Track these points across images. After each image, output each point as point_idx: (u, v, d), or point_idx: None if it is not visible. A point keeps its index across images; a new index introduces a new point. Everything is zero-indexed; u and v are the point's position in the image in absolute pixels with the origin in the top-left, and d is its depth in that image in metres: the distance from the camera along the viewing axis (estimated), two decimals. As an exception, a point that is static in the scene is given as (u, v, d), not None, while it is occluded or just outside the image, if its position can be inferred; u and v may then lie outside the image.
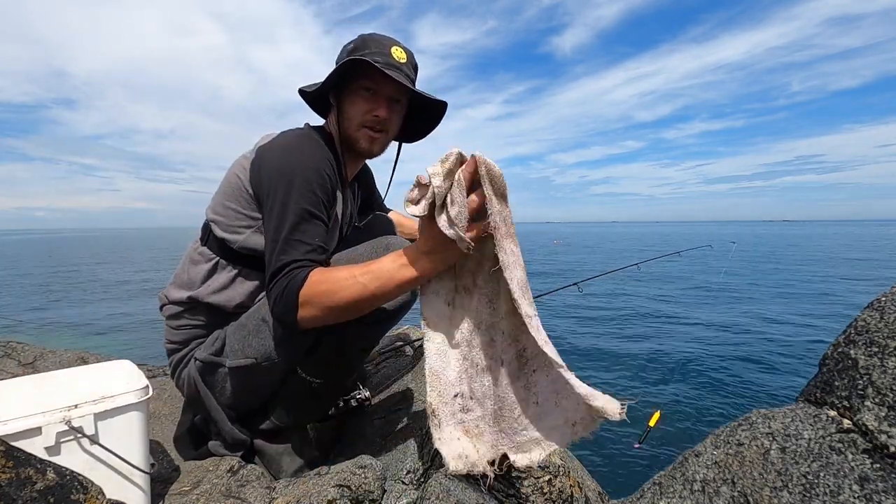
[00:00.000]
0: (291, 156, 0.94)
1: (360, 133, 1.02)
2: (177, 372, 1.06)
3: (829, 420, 0.67)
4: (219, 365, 0.99)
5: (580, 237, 56.77)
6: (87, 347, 4.35)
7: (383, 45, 0.99)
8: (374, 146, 1.05)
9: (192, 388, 1.03)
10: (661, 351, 5.98)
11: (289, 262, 0.84)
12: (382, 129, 1.03)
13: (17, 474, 0.54)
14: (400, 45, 1.01)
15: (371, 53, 0.97)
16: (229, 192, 1.00)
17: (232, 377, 0.98)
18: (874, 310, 0.72)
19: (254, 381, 0.99)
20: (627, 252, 27.59)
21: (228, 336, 0.99)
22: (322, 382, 1.00)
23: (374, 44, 0.99)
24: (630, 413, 0.74)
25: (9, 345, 1.77)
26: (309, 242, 0.87)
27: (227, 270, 1.02)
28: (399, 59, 0.99)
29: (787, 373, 5.11)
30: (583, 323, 7.78)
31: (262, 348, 0.96)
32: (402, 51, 1.01)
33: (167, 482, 0.92)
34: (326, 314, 0.81)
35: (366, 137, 1.02)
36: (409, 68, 1.01)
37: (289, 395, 1.02)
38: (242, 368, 0.97)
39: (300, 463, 1.04)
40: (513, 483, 0.97)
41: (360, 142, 1.03)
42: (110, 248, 37.99)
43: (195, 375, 1.01)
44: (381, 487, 0.85)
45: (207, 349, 1.01)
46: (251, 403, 1.04)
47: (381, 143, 1.05)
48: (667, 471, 0.77)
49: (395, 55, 0.99)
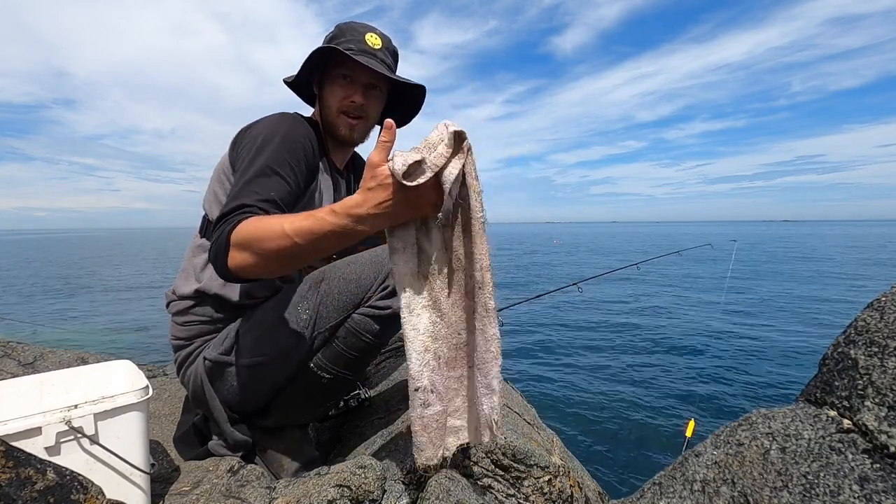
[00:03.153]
0: (268, 126, 0.98)
1: (339, 119, 1.06)
2: (182, 369, 1.06)
3: (829, 420, 0.67)
4: (228, 364, 0.99)
5: (580, 237, 56.79)
6: (87, 347, 4.36)
7: (358, 33, 1.03)
8: (354, 133, 1.08)
9: (198, 387, 1.02)
10: (659, 350, 5.98)
11: (237, 207, 0.81)
12: (360, 116, 1.06)
13: (17, 474, 0.54)
14: (375, 32, 1.04)
15: (346, 41, 1.02)
16: (216, 177, 1.04)
17: (242, 375, 0.99)
18: (874, 310, 0.72)
19: (264, 379, 0.99)
20: (627, 252, 27.60)
21: (241, 334, 0.99)
22: (332, 377, 1.00)
23: (350, 31, 1.03)
24: (630, 415, 0.74)
25: (9, 345, 1.77)
26: (262, 192, 0.85)
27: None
28: (373, 46, 1.02)
29: (787, 373, 5.11)
30: (582, 323, 7.78)
31: (277, 347, 0.96)
32: (378, 37, 1.04)
33: (167, 482, 0.92)
34: (256, 261, 0.75)
35: (345, 124, 1.06)
36: (384, 54, 1.04)
37: (296, 391, 1.02)
38: (255, 366, 0.97)
39: (301, 462, 1.04)
40: (513, 483, 0.98)
41: (340, 128, 1.07)
42: (110, 249, 37.99)
43: (202, 374, 1.01)
44: (381, 487, 0.85)
45: (217, 348, 1.00)
46: (258, 402, 1.04)
47: (361, 129, 1.09)
48: (667, 471, 0.77)
49: (369, 41, 1.02)
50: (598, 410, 4.01)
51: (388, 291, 0.96)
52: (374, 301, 0.96)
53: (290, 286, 1.04)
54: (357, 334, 0.96)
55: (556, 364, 5.44)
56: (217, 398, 1.01)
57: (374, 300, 0.96)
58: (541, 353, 5.91)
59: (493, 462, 0.97)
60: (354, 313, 0.97)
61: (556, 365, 5.40)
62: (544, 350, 6.08)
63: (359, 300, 0.96)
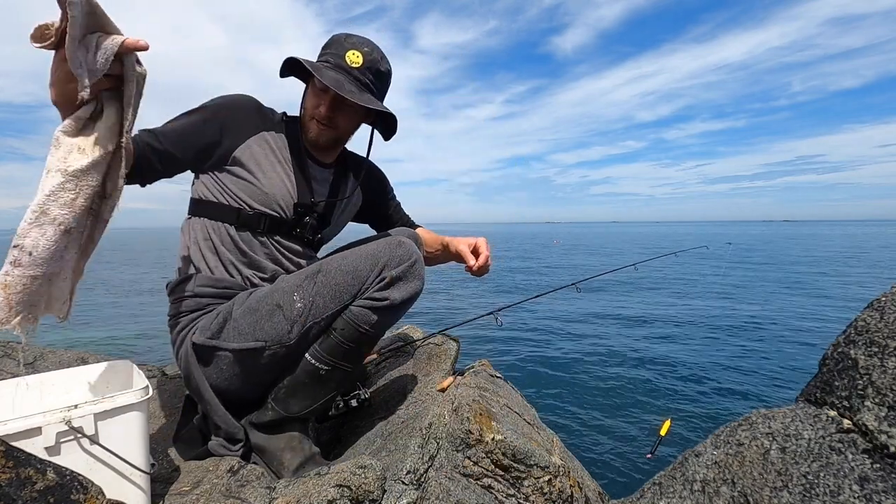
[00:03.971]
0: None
1: (310, 123, 1.12)
2: (175, 346, 1.08)
3: (829, 420, 0.67)
4: (218, 348, 1.00)
5: (580, 237, 56.83)
6: (87, 347, 4.35)
7: (342, 47, 1.06)
8: (320, 138, 1.13)
9: (188, 370, 1.03)
10: (659, 351, 5.98)
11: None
12: (329, 125, 1.11)
13: (17, 474, 0.54)
14: (362, 49, 1.07)
15: (327, 54, 1.07)
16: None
17: (236, 360, 0.99)
18: (874, 310, 0.72)
19: (258, 365, 1.00)
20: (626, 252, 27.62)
21: (234, 319, 1.00)
22: (330, 369, 1.01)
23: (336, 44, 1.07)
24: (629, 415, 0.74)
25: (9, 345, 1.77)
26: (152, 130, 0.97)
27: (196, 222, 1.11)
28: (351, 63, 1.05)
29: (787, 373, 5.11)
30: (581, 323, 7.78)
31: (273, 332, 0.98)
32: (361, 55, 1.06)
33: (167, 482, 0.92)
34: None
35: (314, 128, 1.12)
36: (362, 72, 1.07)
37: (294, 384, 1.02)
38: (248, 351, 0.98)
39: (302, 458, 1.03)
40: (513, 483, 0.98)
41: (310, 131, 1.13)
42: (110, 248, 38.00)
43: (191, 359, 1.02)
44: (381, 487, 0.85)
45: (203, 332, 1.01)
46: (251, 391, 1.04)
47: (327, 136, 1.13)
48: (667, 471, 0.77)
49: (348, 59, 1.05)
50: (599, 410, 4.02)
51: (385, 283, 0.98)
52: (372, 293, 0.98)
53: (283, 275, 1.08)
54: (355, 325, 0.98)
55: (555, 364, 5.44)
56: (206, 382, 1.02)
57: (372, 291, 0.98)
58: (540, 353, 5.91)
59: (493, 462, 0.97)
60: (352, 304, 0.99)
61: (556, 365, 5.40)
62: (544, 350, 6.08)
63: (356, 291, 0.98)
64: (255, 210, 1.08)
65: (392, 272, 0.98)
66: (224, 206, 1.08)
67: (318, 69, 1.02)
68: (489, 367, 1.39)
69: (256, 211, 1.09)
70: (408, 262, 1.00)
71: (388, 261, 0.99)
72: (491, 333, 6.65)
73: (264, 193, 1.08)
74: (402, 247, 1.01)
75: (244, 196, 1.08)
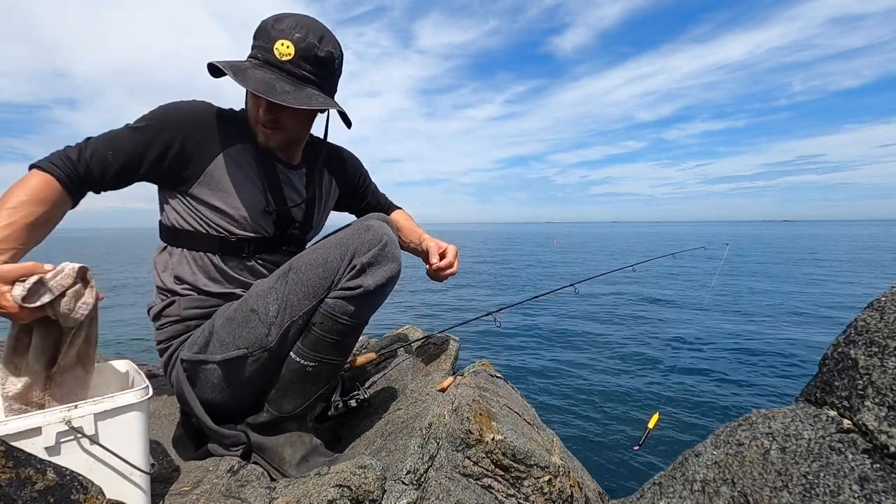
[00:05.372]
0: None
1: (256, 127, 1.03)
2: (167, 371, 1.08)
3: (829, 420, 0.67)
4: (204, 362, 0.99)
5: (580, 237, 56.82)
6: (86, 347, 4.34)
7: (270, 39, 0.94)
8: (269, 142, 1.04)
9: (180, 389, 1.03)
10: (659, 351, 5.98)
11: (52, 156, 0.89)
12: (275, 127, 1.01)
13: (17, 474, 0.54)
14: (289, 38, 0.93)
15: (256, 47, 0.96)
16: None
17: (219, 372, 0.98)
18: (874, 310, 0.72)
19: (245, 373, 0.99)
20: (626, 252, 27.62)
21: (216, 331, 0.99)
22: (317, 364, 1.00)
23: (263, 36, 0.95)
24: (629, 415, 0.74)
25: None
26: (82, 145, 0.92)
27: (175, 252, 1.07)
28: (281, 56, 0.93)
29: (787, 373, 5.11)
30: (580, 323, 7.78)
31: (252, 337, 0.96)
32: (290, 44, 0.93)
33: (167, 482, 0.92)
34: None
35: (261, 132, 1.03)
36: (296, 64, 0.95)
37: (284, 383, 1.02)
38: (233, 360, 0.97)
39: (304, 451, 1.02)
40: (513, 483, 0.98)
41: (259, 135, 1.04)
42: (110, 248, 37.99)
43: (181, 376, 1.02)
44: (381, 487, 0.85)
45: (191, 348, 1.01)
46: (244, 399, 1.04)
47: (277, 139, 1.04)
48: (667, 471, 0.77)
49: (277, 51, 0.93)
50: (598, 410, 4.02)
51: (356, 270, 0.95)
52: (345, 283, 0.96)
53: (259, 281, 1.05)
54: (333, 318, 0.97)
55: (555, 364, 5.44)
56: (197, 399, 1.01)
57: (344, 282, 0.96)
58: (540, 353, 5.91)
59: (493, 462, 0.97)
60: (327, 297, 0.97)
61: (556, 365, 5.40)
62: (544, 350, 6.08)
63: (329, 283, 0.96)
64: (238, 236, 1.05)
65: (362, 259, 0.95)
66: (203, 234, 1.03)
67: (243, 73, 0.92)
68: (489, 367, 1.39)
69: (239, 237, 1.05)
70: (378, 245, 0.96)
71: (358, 248, 0.96)
72: (491, 334, 6.65)
73: (244, 218, 1.04)
74: (370, 231, 0.98)
75: (224, 224, 1.03)
